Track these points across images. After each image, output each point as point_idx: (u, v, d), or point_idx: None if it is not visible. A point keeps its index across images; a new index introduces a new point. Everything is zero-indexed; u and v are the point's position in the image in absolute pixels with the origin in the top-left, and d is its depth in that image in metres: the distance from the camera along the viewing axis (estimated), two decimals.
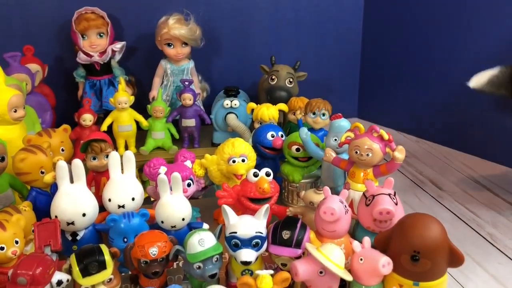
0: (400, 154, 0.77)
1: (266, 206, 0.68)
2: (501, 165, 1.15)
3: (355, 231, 0.76)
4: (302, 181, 0.94)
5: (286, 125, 1.14)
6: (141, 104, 1.20)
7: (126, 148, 1.15)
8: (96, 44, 1.18)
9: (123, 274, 0.75)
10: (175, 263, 0.76)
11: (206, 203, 0.95)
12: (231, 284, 0.69)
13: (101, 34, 1.18)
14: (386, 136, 0.78)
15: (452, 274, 0.81)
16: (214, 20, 1.30)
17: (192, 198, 0.95)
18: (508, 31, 1.10)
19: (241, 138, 0.99)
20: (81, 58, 1.18)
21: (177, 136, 1.18)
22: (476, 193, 1.05)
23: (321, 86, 1.44)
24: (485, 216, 0.97)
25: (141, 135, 1.17)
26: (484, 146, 1.19)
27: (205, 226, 0.78)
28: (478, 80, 0.94)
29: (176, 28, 1.15)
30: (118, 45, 1.20)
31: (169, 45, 1.17)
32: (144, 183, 1.04)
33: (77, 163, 0.74)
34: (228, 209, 0.67)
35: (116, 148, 1.14)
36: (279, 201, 0.91)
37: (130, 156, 0.80)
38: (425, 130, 1.33)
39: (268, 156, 0.97)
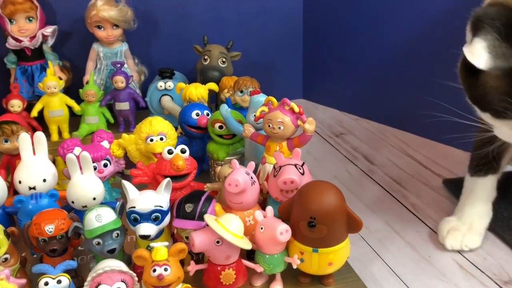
0: (310, 125, 0.77)
1: (167, 180, 0.67)
2: (433, 141, 1.17)
3: (267, 203, 0.76)
4: (227, 158, 0.93)
5: (219, 105, 1.14)
6: (77, 89, 1.18)
7: (60, 134, 1.14)
8: (25, 28, 1.15)
9: (34, 256, 0.74)
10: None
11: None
12: None
13: (30, 18, 1.16)
14: (296, 109, 0.77)
15: (370, 243, 0.82)
16: (149, 0, 1.28)
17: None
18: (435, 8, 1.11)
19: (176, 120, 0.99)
20: (10, 43, 1.16)
21: (112, 120, 1.17)
22: (406, 166, 1.07)
23: (265, 68, 1.44)
24: (411, 188, 0.98)
25: (76, 120, 1.16)
26: (419, 124, 1.20)
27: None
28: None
29: (105, 9, 1.13)
30: (49, 29, 1.18)
31: (99, 27, 1.15)
32: None
33: None
34: (127, 184, 0.66)
35: (48, 134, 1.12)
36: (206, 179, 0.91)
37: (41, 137, 0.78)
38: (365, 109, 1.34)
39: (195, 136, 0.97)
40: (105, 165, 0.82)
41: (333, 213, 0.62)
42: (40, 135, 0.78)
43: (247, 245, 0.63)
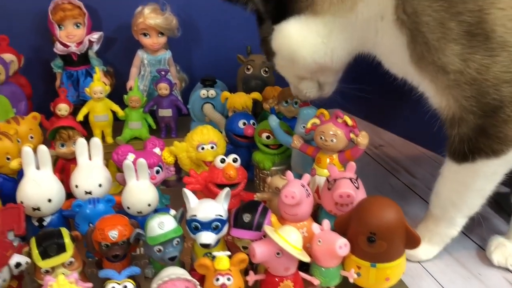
0: (363, 139, 0.78)
1: (227, 189, 0.69)
2: None
3: (319, 215, 0.76)
4: (273, 168, 0.94)
5: (261, 114, 1.15)
6: (120, 95, 1.20)
7: (103, 138, 1.16)
8: (73, 34, 1.18)
9: (89, 259, 0.76)
10: (141, 249, 0.77)
11: (179, 190, 0.96)
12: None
13: (78, 25, 1.18)
14: (350, 122, 0.78)
15: None
16: (192, 9, 1.30)
17: (168, 187, 0.96)
18: None
19: (217, 127, 1.00)
20: (58, 48, 1.18)
21: (154, 126, 1.18)
22: None
23: None
24: None
25: (119, 125, 1.18)
26: None
27: (172, 212, 0.78)
28: None
29: (152, 17, 1.15)
30: (95, 36, 1.20)
31: (145, 35, 1.18)
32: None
33: (43, 149, 0.74)
34: (188, 192, 0.68)
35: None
36: (251, 189, 0.92)
37: (97, 142, 0.80)
38: (401, 128, 1.33)
39: (241, 144, 0.98)
40: (157, 172, 0.84)
41: (393, 229, 0.63)
42: (96, 140, 0.80)
43: (306, 258, 0.64)
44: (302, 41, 0.75)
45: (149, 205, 0.76)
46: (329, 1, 0.72)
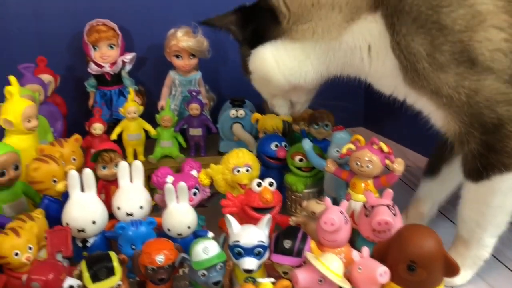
0: (399, 166, 0.79)
1: (268, 216, 0.71)
2: None
3: (355, 241, 0.78)
4: (305, 190, 0.96)
5: (290, 135, 1.17)
6: (150, 113, 1.23)
7: (135, 156, 1.19)
8: (107, 55, 1.21)
9: (131, 280, 0.78)
10: (180, 270, 0.79)
11: (211, 211, 0.98)
12: None
13: (112, 46, 1.22)
14: (386, 149, 0.80)
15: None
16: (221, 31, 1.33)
17: (198, 207, 0.98)
18: None
19: (246, 147, 1.02)
20: (93, 68, 1.22)
21: (184, 144, 1.21)
22: None
23: (325, 94, 1.46)
24: None
25: (149, 143, 1.20)
26: None
27: (210, 234, 0.80)
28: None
29: (184, 40, 1.18)
30: (128, 56, 1.24)
31: (177, 56, 1.21)
32: (151, 190, 1.07)
33: (88, 172, 0.77)
34: (231, 218, 0.70)
35: (125, 156, 1.17)
36: (282, 210, 0.93)
37: (138, 165, 0.83)
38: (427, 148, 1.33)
39: (273, 166, 1.00)
40: (195, 194, 0.86)
41: (433, 257, 0.64)
42: (138, 163, 0.83)
43: (347, 285, 0.65)
44: (278, 64, 0.82)
45: (188, 227, 0.78)
46: (311, 31, 0.78)
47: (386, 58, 0.74)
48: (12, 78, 0.93)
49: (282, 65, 0.81)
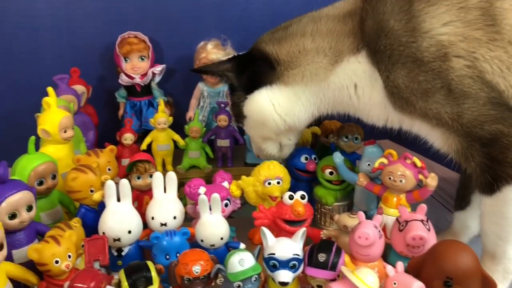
0: (432, 181, 0.79)
1: (303, 229, 0.71)
2: None
3: (388, 255, 0.78)
4: (335, 204, 0.96)
5: (319, 147, 1.18)
6: (178, 124, 1.25)
7: (163, 166, 1.21)
8: (138, 67, 1.24)
9: None
10: (215, 281, 0.80)
11: (241, 222, 0.99)
12: None
13: (143, 57, 1.25)
14: (419, 163, 0.80)
15: None
16: (249, 43, 1.35)
17: (227, 217, 0.98)
18: None
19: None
20: (123, 80, 1.25)
21: (212, 155, 1.22)
22: None
23: None
24: None
25: (177, 153, 1.22)
26: None
27: (242, 245, 0.81)
28: None
29: (214, 53, 1.20)
30: (158, 68, 1.27)
31: None
32: (180, 200, 1.09)
33: (125, 182, 0.79)
34: (266, 231, 0.70)
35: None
36: (312, 223, 0.94)
37: (173, 176, 0.84)
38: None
39: (302, 179, 1.01)
40: (226, 205, 0.87)
41: (470, 274, 0.64)
42: (172, 175, 0.84)
43: None
44: (274, 106, 0.87)
45: (221, 238, 0.79)
46: (301, 75, 0.85)
47: (372, 93, 0.80)
48: (50, 90, 0.95)
49: (278, 106, 0.87)
